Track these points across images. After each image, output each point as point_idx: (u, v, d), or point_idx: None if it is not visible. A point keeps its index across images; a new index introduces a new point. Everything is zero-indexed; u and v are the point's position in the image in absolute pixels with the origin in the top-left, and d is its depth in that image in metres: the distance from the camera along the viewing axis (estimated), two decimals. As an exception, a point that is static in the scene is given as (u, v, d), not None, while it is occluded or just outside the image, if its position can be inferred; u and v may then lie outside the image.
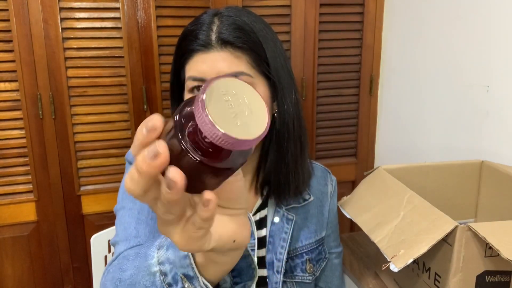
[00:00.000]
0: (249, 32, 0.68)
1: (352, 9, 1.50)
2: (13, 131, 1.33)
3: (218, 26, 0.67)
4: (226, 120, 0.29)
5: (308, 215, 0.84)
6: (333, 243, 0.90)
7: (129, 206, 0.72)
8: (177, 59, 0.73)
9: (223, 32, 0.67)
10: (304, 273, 0.82)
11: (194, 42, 0.68)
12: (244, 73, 0.67)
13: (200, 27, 0.68)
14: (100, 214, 1.45)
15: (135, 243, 0.66)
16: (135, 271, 0.46)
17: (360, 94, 1.58)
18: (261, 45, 0.69)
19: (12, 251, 1.41)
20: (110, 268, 0.54)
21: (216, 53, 0.66)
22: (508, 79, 1.02)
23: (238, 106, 0.30)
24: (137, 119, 1.41)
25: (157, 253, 0.43)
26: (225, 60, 0.66)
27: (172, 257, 0.42)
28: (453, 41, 1.20)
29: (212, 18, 0.69)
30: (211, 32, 0.67)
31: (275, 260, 0.78)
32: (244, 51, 0.67)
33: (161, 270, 0.42)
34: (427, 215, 0.74)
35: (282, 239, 0.79)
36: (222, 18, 0.69)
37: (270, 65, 0.70)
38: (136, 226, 0.69)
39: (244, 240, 0.38)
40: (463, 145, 1.18)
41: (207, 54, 0.67)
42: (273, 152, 0.75)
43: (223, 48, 0.66)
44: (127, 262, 0.49)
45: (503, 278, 0.73)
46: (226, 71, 0.66)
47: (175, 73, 0.75)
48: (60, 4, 1.28)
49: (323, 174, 0.89)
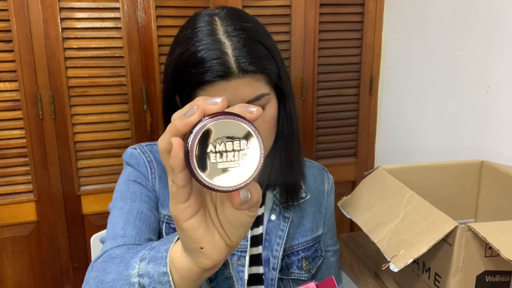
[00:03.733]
0: (266, 56, 0.67)
1: (352, 9, 1.50)
2: (13, 131, 1.33)
3: (233, 50, 0.63)
4: (211, 165, 0.32)
5: (304, 213, 0.84)
6: (329, 241, 0.90)
7: (119, 206, 0.72)
8: (184, 86, 0.67)
9: (242, 61, 0.63)
10: (300, 271, 0.82)
11: (209, 73, 0.63)
12: (265, 94, 0.67)
13: (213, 54, 0.63)
14: (100, 214, 1.45)
15: (121, 242, 0.66)
16: (116, 277, 0.47)
17: (360, 94, 1.58)
18: (273, 61, 0.68)
19: (12, 251, 1.41)
20: (95, 265, 0.55)
21: (238, 80, 0.64)
22: (508, 79, 1.02)
23: (229, 153, 0.32)
24: (137, 119, 1.41)
25: (138, 265, 0.44)
26: (247, 86, 0.65)
27: (152, 271, 0.42)
28: (453, 41, 1.20)
29: (216, 37, 0.64)
30: (228, 57, 0.63)
31: (271, 257, 0.79)
32: (262, 72, 0.66)
33: (140, 282, 0.43)
34: (427, 215, 0.74)
35: (279, 236, 0.80)
36: (232, 37, 0.64)
37: (282, 77, 0.70)
38: (123, 226, 0.69)
39: (211, 260, 0.38)
40: (463, 145, 1.18)
41: (228, 83, 0.63)
42: (278, 156, 0.76)
43: (245, 75, 0.64)
44: (111, 264, 0.49)
45: (503, 278, 0.73)
46: (250, 97, 0.65)
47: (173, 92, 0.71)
48: (60, 4, 1.28)
49: (319, 172, 0.89)
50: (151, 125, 1.43)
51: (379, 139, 1.64)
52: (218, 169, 0.32)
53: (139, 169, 0.77)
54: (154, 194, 0.76)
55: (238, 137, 0.32)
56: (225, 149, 0.32)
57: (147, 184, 0.76)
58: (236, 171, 0.32)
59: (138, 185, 0.75)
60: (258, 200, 0.37)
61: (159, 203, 0.76)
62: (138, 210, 0.71)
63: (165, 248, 0.43)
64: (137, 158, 0.78)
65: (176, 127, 0.33)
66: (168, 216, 0.75)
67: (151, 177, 0.76)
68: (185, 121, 0.33)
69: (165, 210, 0.76)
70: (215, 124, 0.31)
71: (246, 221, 0.39)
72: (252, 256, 0.79)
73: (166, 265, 0.42)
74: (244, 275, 0.77)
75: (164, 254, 0.42)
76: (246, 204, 0.36)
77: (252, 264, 0.79)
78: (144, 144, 0.81)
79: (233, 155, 0.32)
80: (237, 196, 0.35)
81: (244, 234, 0.40)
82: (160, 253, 0.43)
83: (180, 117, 0.33)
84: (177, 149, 0.33)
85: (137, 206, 0.72)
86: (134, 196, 0.73)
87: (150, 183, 0.76)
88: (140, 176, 0.76)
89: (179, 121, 0.33)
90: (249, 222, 0.39)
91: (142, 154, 0.78)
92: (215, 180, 0.32)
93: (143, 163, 0.77)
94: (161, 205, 0.76)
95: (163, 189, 0.76)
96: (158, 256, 0.43)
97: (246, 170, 0.32)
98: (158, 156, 0.79)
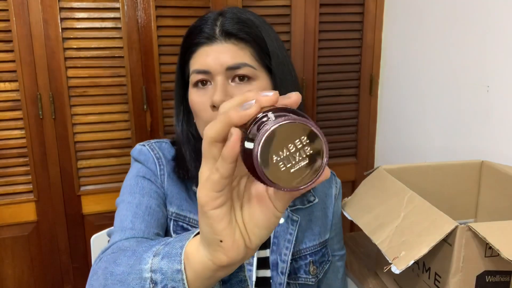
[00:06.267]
0: (252, 26, 0.70)
1: (352, 9, 1.50)
2: (13, 131, 1.33)
3: (221, 21, 0.70)
4: (274, 164, 0.32)
5: (312, 217, 0.84)
6: (336, 246, 0.90)
7: (128, 200, 0.72)
8: (182, 55, 0.74)
9: (226, 25, 0.68)
10: (308, 275, 0.81)
11: (198, 36, 0.70)
12: (247, 64, 0.68)
13: (205, 23, 0.70)
14: (100, 214, 1.45)
15: (130, 235, 0.66)
16: (127, 269, 0.46)
17: (360, 94, 1.58)
18: (263, 38, 0.70)
19: (12, 251, 1.41)
20: (104, 257, 0.54)
21: (220, 45, 0.68)
22: (508, 79, 1.02)
23: (296, 154, 0.32)
24: (137, 119, 1.41)
25: (151, 260, 0.43)
26: (228, 51, 0.68)
27: (166, 268, 0.42)
28: (453, 41, 1.20)
29: (216, 16, 0.71)
30: (215, 26, 0.69)
31: (279, 261, 0.78)
32: (247, 43, 0.69)
33: (152, 278, 0.42)
34: (427, 215, 0.74)
35: (287, 240, 0.79)
36: (226, 14, 0.71)
37: (272, 59, 0.71)
38: (132, 219, 0.69)
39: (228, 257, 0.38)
40: (463, 145, 1.18)
41: (211, 47, 0.68)
42: None
43: (227, 40, 0.68)
44: (123, 257, 0.48)
45: (503, 278, 0.73)
46: (230, 63, 0.67)
47: (180, 69, 0.76)
48: (60, 4, 1.28)
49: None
50: (151, 125, 1.43)
51: (379, 139, 1.64)
52: (281, 168, 0.32)
53: (148, 166, 0.77)
54: (162, 191, 0.76)
55: (302, 136, 0.32)
56: (289, 149, 0.32)
57: (155, 180, 0.76)
58: (300, 170, 0.33)
59: (147, 181, 0.75)
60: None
61: (167, 200, 0.76)
62: (147, 205, 0.72)
63: (180, 245, 0.42)
64: (146, 154, 0.78)
65: (231, 118, 0.33)
66: (176, 214, 0.75)
67: (160, 173, 0.76)
68: (242, 113, 0.33)
69: (173, 207, 0.75)
70: (279, 126, 0.32)
71: (271, 222, 0.38)
72: (259, 259, 0.79)
73: (180, 262, 0.41)
74: (252, 276, 0.77)
75: (179, 251, 0.41)
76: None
77: (259, 267, 0.79)
78: (153, 141, 0.81)
79: (298, 154, 0.32)
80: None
81: (265, 236, 0.39)
82: (175, 249, 0.42)
83: (236, 109, 0.33)
84: (235, 140, 0.33)
85: (146, 201, 0.72)
86: (143, 191, 0.73)
87: (158, 180, 0.76)
88: (149, 172, 0.76)
89: (235, 113, 0.33)
90: (273, 223, 0.38)
91: (151, 151, 0.78)
92: (279, 179, 0.32)
93: (152, 159, 0.77)
94: (169, 202, 0.76)
95: (172, 186, 0.76)
96: (173, 252, 0.42)
97: (311, 169, 0.33)
98: (167, 153, 0.79)
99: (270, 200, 0.38)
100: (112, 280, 0.47)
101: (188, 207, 0.76)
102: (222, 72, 0.68)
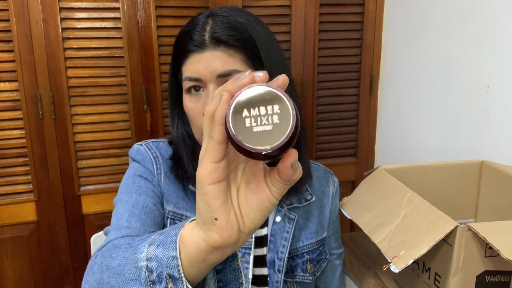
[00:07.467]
0: (242, 31, 0.69)
1: (352, 9, 1.50)
2: (13, 131, 1.33)
3: (211, 26, 0.69)
4: (246, 128, 0.34)
5: (309, 216, 0.84)
6: (334, 244, 0.90)
7: (125, 199, 0.73)
8: (174, 60, 0.74)
9: (216, 32, 0.68)
10: (305, 273, 0.82)
11: (188, 43, 0.69)
12: (238, 71, 0.68)
13: (194, 28, 0.69)
14: (100, 214, 1.45)
15: (126, 233, 0.67)
16: (123, 262, 0.46)
17: (360, 94, 1.58)
18: (254, 43, 0.69)
19: (12, 251, 1.41)
20: (99, 254, 0.54)
21: (210, 52, 0.68)
22: (508, 79, 1.02)
23: (264, 118, 0.34)
24: (137, 119, 1.41)
25: (147, 248, 0.44)
26: (219, 59, 0.67)
27: (161, 255, 0.42)
28: (453, 41, 1.20)
29: (206, 19, 0.70)
30: (205, 32, 0.68)
31: (276, 259, 0.78)
32: (238, 49, 0.68)
33: (147, 266, 0.43)
34: (427, 215, 0.74)
35: (284, 238, 0.79)
36: (216, 18, 0.70)
37: (264, 63, 0.71)
38: (128, 218, 0.69)
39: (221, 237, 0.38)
40: (463, 145, 1.18)
41: (202, 54, 0.68)
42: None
43: (217, 47, 0.68)
44: (118, 251, 0.49)
45: (503, 278, 0.73)
46: (220, 70, 0.67)
47: (173, 74, 0.76)
48: (60, 4, 1.28)
49: (325, 175, 0.89)
50: (151, 125, 1.43)
51: (379, 139, 1.64)
52: (253, 132, 0.34)
53: (145, 165, 0.78)
54: (159, 190, 0.76)
55: (275, 105, 0.34)
56: (259, 113, 0.34)
57: (152, 179, 0.76)
58: (270, 134, 0.34)
59: (144, 180, 0.76)
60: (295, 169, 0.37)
61: (164, 198, 0.76)
62: (143, 204, 0.72)
63: (175, 232, 0.42)
64: (143, 154, 0.79)
65: (227, 89, 0.35)
66: (173, 212, 0.76)
67: (157, 172, 0.77)
68: (236, 83, 0.35)
69: (170, 206, 0.76)
70: (248, 90, 0.34)
71: (265, 207, 0.39)
72: (256, 257, 0.79)
73: (176, 249, 0.41)
74: (249, 273, 0.77)
75: (174, 238, 0.42)
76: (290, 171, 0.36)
77: (256, 265, 0.79)
78: (150, 141, 0.82)
79: (266, 118, 0.34)
80: (290, 157, 0.36)
81: (259, 221, 0.39)
82: (170, 237, 0.42)
83: (232, 81, 0.36)
84: (224, 101, 0.34)
85: (142, 200, 0.73)
86: (140, 190, 0.74)
87: (155, 179, 0.77)
88: (146, 172, 0.77)
89: (230, 85, 0.35)
90: (267, 208, 0.39)
91: (148, 151, 0.79)
92: (251, 143, 0.33)
93: (149, 159, 0.78)
94: (166, 200, 0.76)
95: (169, 185, 0.77)
96: (168, 240, 0.42)
97: (280, 133, 0.34)
98: (164, 153, 0.80)
99: (267, 185, 0.39)
100: (108, 274, 0.47)
101: (185, 205, 0.76)
102: (214, 80, 0.68)
